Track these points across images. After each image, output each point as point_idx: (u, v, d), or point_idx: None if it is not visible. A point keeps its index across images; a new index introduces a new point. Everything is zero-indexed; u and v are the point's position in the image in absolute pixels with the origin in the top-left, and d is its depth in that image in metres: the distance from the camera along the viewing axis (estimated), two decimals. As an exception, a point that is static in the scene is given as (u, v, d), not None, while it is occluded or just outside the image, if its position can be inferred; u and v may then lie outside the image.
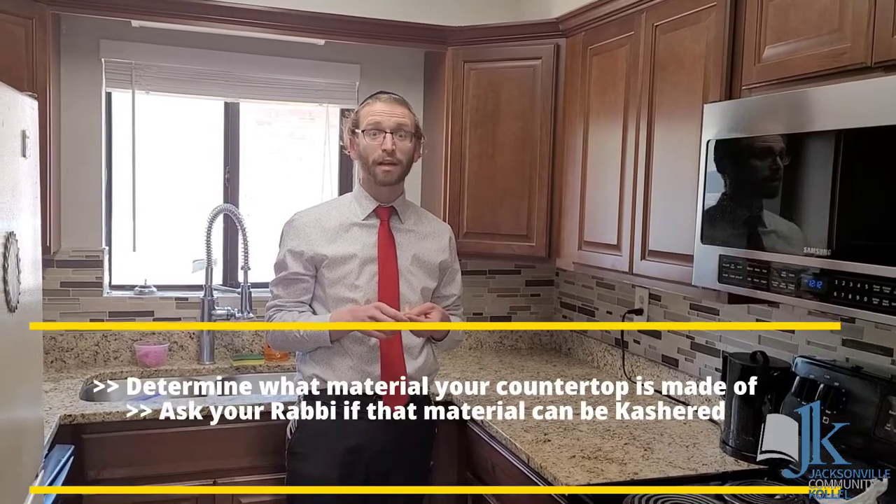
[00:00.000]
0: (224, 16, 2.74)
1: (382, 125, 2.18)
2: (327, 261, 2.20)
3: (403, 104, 2.24)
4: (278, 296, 2.27)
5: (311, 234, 2.23)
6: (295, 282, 2.24)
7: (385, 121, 2.18)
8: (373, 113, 2.20)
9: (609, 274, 2.50)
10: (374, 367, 2.19)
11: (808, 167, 1.59)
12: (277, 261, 2.28)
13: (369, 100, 2.26)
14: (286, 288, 2.25)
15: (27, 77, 2.45)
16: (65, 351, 2.87)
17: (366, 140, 2.20)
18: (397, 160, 2.19)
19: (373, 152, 2.19)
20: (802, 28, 1.69)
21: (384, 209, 2.27)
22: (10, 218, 1.38)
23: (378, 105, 2.21)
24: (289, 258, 2.24)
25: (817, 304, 1.58)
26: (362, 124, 2.21)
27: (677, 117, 2.13)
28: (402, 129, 2.20)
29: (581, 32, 2.63)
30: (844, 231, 1.50)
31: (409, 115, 2.23)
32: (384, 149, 2.17)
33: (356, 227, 2.25)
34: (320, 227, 2.23)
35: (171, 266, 3.13)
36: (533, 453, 2.07)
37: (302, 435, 2.22)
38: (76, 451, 2.21)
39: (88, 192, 2.91)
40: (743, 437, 2.06)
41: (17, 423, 1.47)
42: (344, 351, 2.19)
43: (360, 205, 2.27)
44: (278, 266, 2.27)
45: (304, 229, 2.24)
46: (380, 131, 2.18)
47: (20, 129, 1.47)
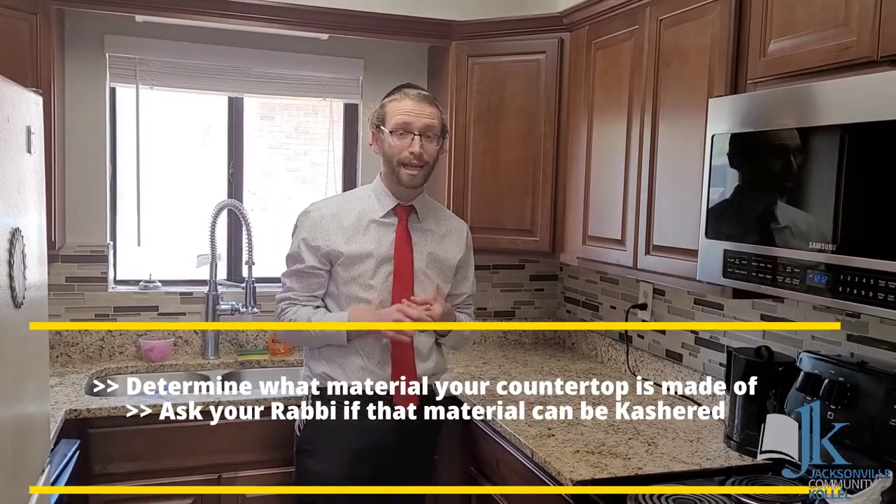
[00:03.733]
0: (228, 11, 2.74)
1: (412, 127, 2.11)
2: (343, 258, 2.15)
3: (432, 103, 2.17)
4: (291, 288, 2.20)
5: (328, 229, 2.17)
6: (310, 276, 2.18)
7: (414, 122, 2.11)
8: (401, 112, 2.12)
9: (613, 269, 2.50)
10: (384, 368, 2.17)
11: (814, 161, 1.59)
12: (291, 251, 2.21)
13: (397, 94, 2.17)
14: (301, 281, 2.19)
15: (32, 72, 2.45)
16: (70, 346, 2.88)
17: (392, 139, 2.13)
18: (424, 162, 2.14)
19: (399, 153, 2.12)
20: (808, 22, 1.68)
21: (403, 208, 2.21)
22: (16, 214, 1.38)
23: (407, 103, 2.13)
24: (304, 250, 2.17)
25: (822, 299, 1.58)
26: (389, 122, 2.14)
27: (682, 112, 2.12)
28: (430, 130, 2.13)
29: (585, 27, 2.62)
30: (850, 226, 1.50)
31: (437, 115, 2.16)
32: (412, 151, 2.11)
33: (374, 224, 2.19)
34: (338, 222, 2.17)
35: (175, 261, 3.14)
36: (537, 448, 2.08)
37: (311, 433, 2.20)
38: (82, 445, 2.22)
39: (93, 187, 2.92)
40: (747, 432, 2.06)
41: (25, 418, 1.48)
42: (355, 351, 2.16)
43: (379, 201, 2.21)
44: (292, 257, 2.21)
45: (321, 222, 2.17)
46: (408, 132, 2.12)
47: (25, 124, 1.47)
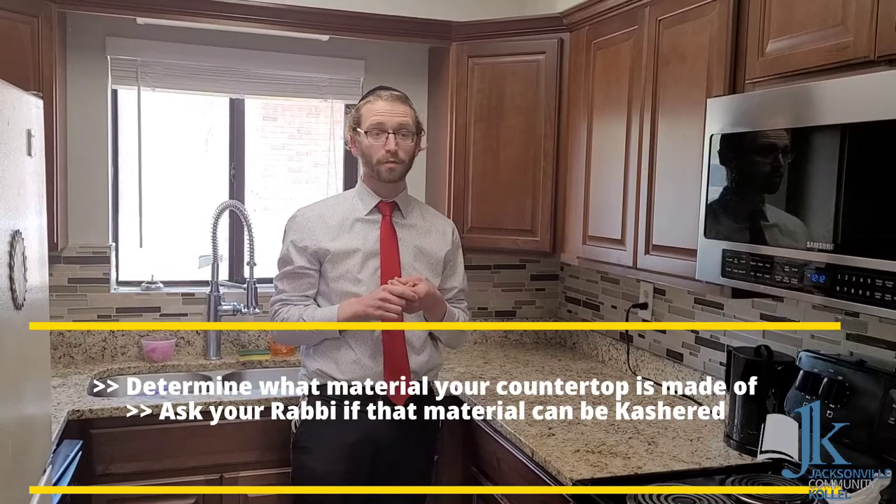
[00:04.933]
0: (229, 12, 2.74)
1: (385, 126, 2.19)
2: (330, 255, 2.22)
3: (404, 101, 2.25)
4: (283, 290, 2.28)
5: (314, 229, 2.24)
6: (300, 276, 2.26)
7: (388, 121, 2.20)
8: (375, 112, 2.21)
9: (613, 268, 2.50)
10: (376, 360, 2.21)
11: (811, 161, 1.59)
12: (281, 255, 2.30)
13: (370, 97, 2.26)
14: (292, 282, 2.27)
15: (33, 75, 2.46)
16: (73, 346, 2.90)
17: (368, 140, 2.22)
18: (400, 160, 2.22)
19: (376, 153, 2.21)
20: (806, 22, 1.68)
21: (386, 204, 2.29)
22: (16, 216, 1.39)
23: (379, 104, 2.22)
24: (293, 252, 2.25)
25: (821, 298, 1.59)
26: (364, 124, 2.22)
27: (681, 112, 2.12)
28: (404, 128, 2.22)
29: (585, 27, 2.62)
30: (848, 225, 1.50)
31: (410, 113, 2.25)
32: (388, 149, 2.19)
33: (359, 222, 2.26)
34: (323, 222, 2.25)
35: (177, 262, 3.16)
36: (537, 447, 2.08)
37: (306, 430, 2.24)
38: (84, 446, 2.23)
39: (95, 188, 2.93)
40: (747, 431, 2.06)
41: (26, 419, 1.49)
42: (347, 344, 2.21)
43: (362, 200, 2.29)
44: (283, 261, 2.29)
45: (307, 224, 2.26)
46: (382, 132, 2.20)
47: (25, 128, 1.48)
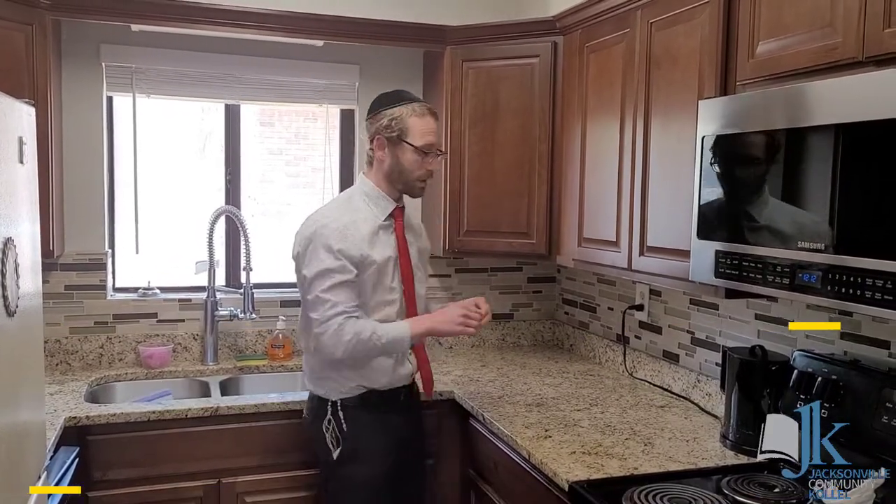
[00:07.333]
0: (223, 19, 2.75)
1: (434, 146, 2.22)
2: (376, 265, 2.16)
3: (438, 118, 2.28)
4: (339, 302, 2.10)
5: (355, 238, 2.14)
6: (353, 285, 2.13)
7: (438, 142, 2.24)
8: (428, 131, 2.19)
9: (609, 270, 2.51)
10: (411, 360, 2.29)
11: (802, 162, 1.60)
12: (328, 266, 2.10)
13: (417, 109, 2.19)
14: (348, 292, 2.12)
15: (28, 83, 2.47)
16: (70, 353, 2.90)
17: (415, 156, 2.18)
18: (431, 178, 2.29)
19: (418, 169, 2.20)
20: (795, 23, 1.69)
21: (399, 209, 2.29)
22: (8, 224, 1.40)
23: (429, 121, 2.20)
24: (344, 261, 2.11)
25: (813, 298, 1.59)
26: (416, 139, 2.17)
27: (673, 114, 2.13)
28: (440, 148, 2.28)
29: (578, 30, 2.63)
30: (839, 225, 1.50)
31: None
32: (430, 169, 2.23)
33: (382, 229, 2.22)
34: (357, 230, 2.16)
35: (173, 268, 3.16)
36: (534, 449, 2.08)
37: (352, 439, 2.19)
38: (81, 452, 2.23)
39: (91, 195, 2.93)
40: (743, 431, 2.06)
41: (19, 426, 1.49)
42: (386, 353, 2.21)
43: (377, 206, 2.23)
44: (332, 271, 2.10)
45: (345, 232, 2.14)
46: (431, 153, 2.21)
47: (17, 135, 1.48)
